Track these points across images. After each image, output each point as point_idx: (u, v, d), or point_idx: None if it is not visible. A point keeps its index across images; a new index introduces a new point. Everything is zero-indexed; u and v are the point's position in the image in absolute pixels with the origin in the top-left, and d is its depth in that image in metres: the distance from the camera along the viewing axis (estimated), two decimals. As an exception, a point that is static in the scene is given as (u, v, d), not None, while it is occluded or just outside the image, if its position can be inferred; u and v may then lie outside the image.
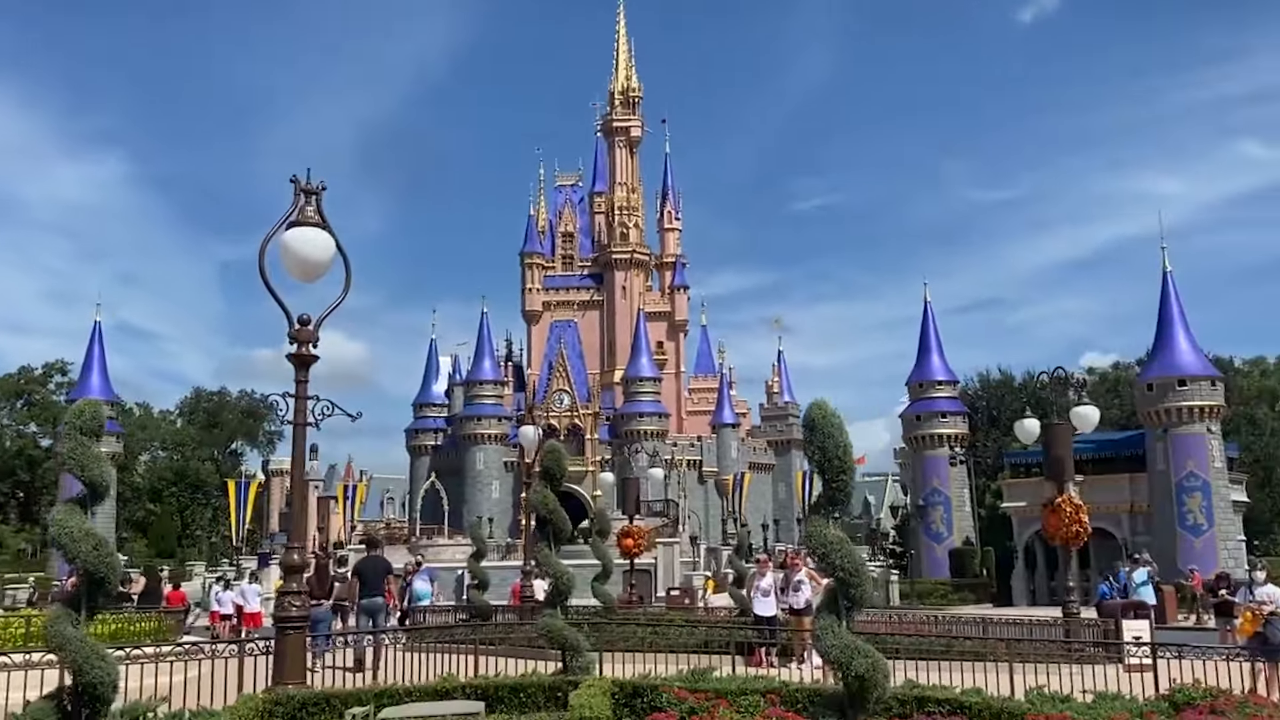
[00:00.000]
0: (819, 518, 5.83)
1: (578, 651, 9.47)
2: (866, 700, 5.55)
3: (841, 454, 5.74)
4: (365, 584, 17.83)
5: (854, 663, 5.49)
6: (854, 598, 5.74)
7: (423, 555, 24.81)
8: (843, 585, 5.71)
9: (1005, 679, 12.11)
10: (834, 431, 5.76)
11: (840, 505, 5.86)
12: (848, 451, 5.79)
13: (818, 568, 5.92)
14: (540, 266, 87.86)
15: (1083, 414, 16.94)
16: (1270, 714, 8.05)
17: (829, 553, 5.68)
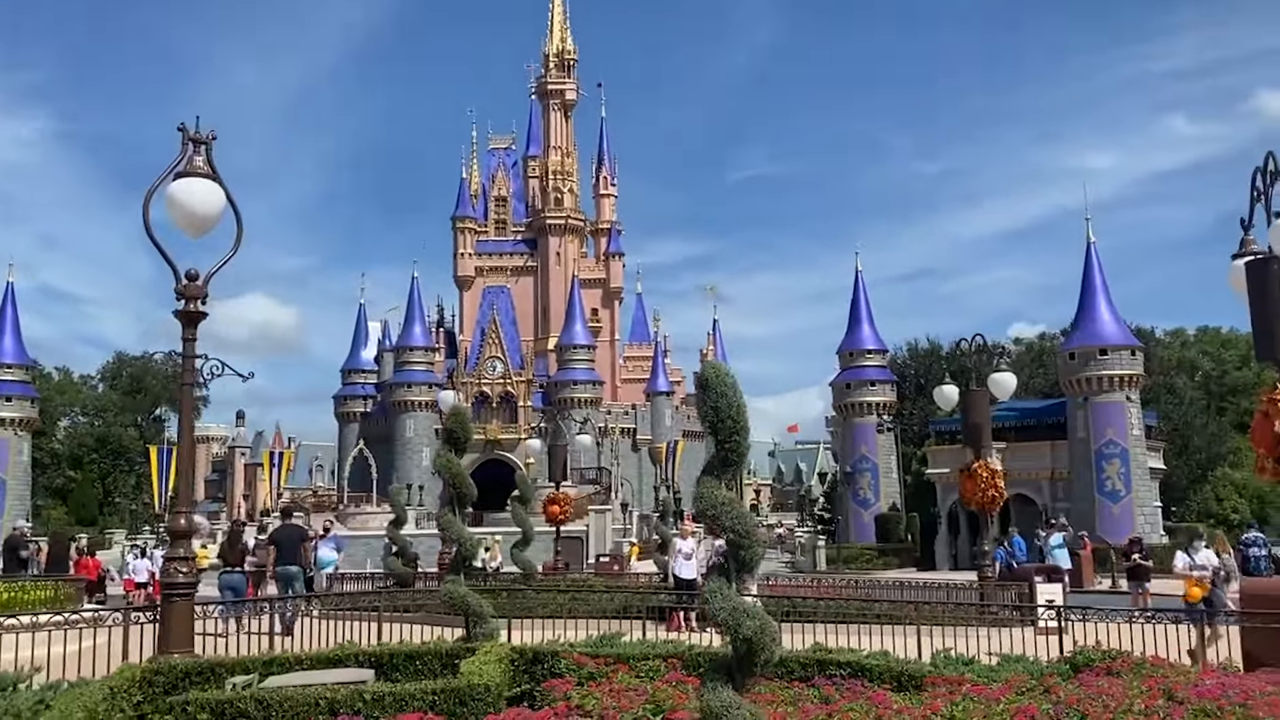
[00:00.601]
0: (711, 479, 5.66)
1: (481, 618, 9.27)
2: (754, 663, 5.41)
3: (735, 414, 5.56)
4: (281, 552, 17.85)
5: (742, 625, 5.33)
6: (744, 560, 5.59)
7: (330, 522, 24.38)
8: (733, 548, 5.55)
9: (919, 641, 12.18)
10: (727, 391, 5.58)
11: (733, 467, 5.68)
12: (741, 412, 5.61)
13: (708, 529, 5.76)
14: (473, 231, 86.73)
15: (1000, 381, 17.06)
16: (1165, 674, 8.12)
17: (719, 514, 5.51)
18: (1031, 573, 18.60)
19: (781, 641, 5.62)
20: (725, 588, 5.56)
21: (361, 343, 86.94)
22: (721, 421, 5.63)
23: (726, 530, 5.59)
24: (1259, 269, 9.86)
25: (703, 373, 5.75)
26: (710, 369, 5.74)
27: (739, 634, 5.42)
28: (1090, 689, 6.49)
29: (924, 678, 7.46)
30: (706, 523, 5.68)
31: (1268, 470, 9.80)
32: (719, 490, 5.63)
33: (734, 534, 5.58)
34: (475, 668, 6.65)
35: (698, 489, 5.79)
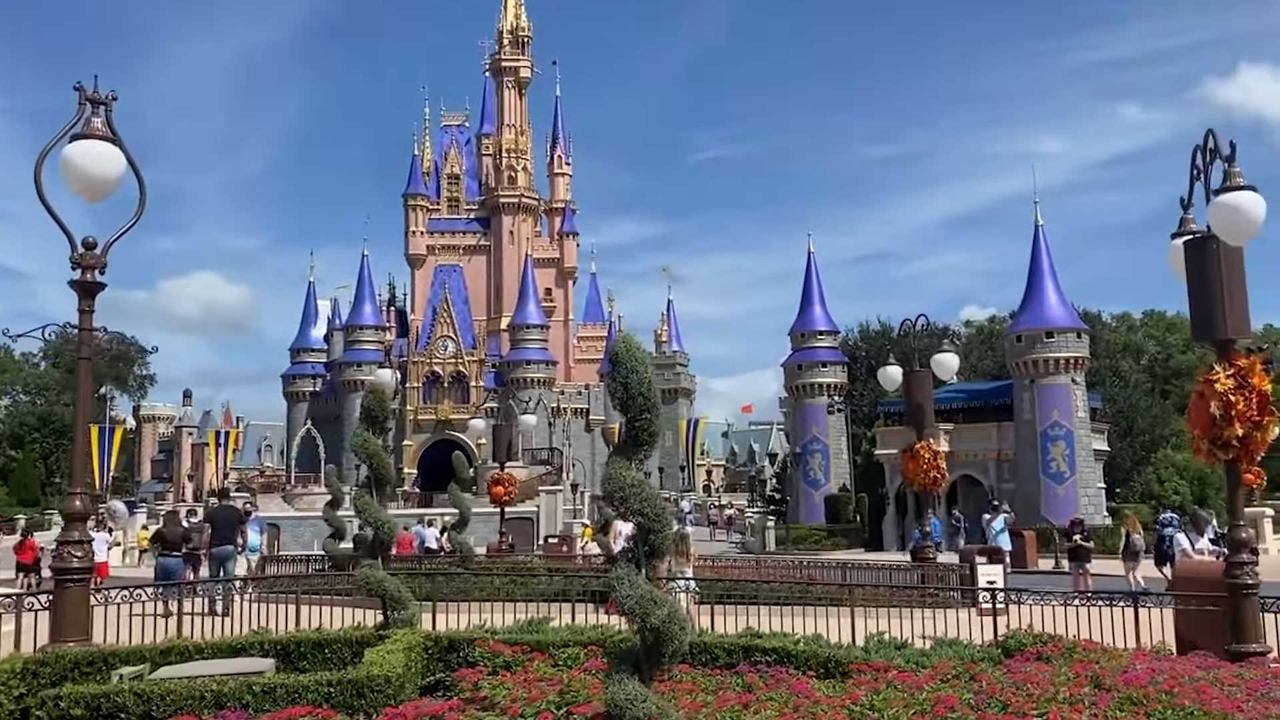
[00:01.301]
0: (620, 459, 5.36)
1: (399, 604, 8.93)
2: (662, 654, 5.14)
3: (645, 391, 5.26)
4: (216, 532, 17.70)
5: (650, 614, 5.05)
6: (655, 545, 5.30)
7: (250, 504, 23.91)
8: (643, 532, 5.26)
9: (861, 624, 12.01)
10: (638, 367, 5.27)
11: (644, 446, 5.38)
12: (651, 389, 5.31)
13: (617, 513, 5.44)
14: (425, 209, 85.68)
15: (942, 361, 16.96)
16: (1096, 658, 7.98)
17: (628, 497, 5.22)
18: (973, 554, 18.57)
19: (690, 629, 5.35)
20: (633, 574, 5.27)
21: (311, 321, 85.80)
22: (632, 399, 5.33)
23: (635, 514, 5.30)
24: (1197, 248, 9.73)
25: (613, 348, 5.45)
26: (621, 344, 5.43)
27: (646, 623, 5.15)
28: (1017, 675, 6.30)
29: (849, 663, 7.25)
30: (615, 505, 5.38)
31: (1203, 451, 9.71)
32: (628, 471, 5.34)
33: (643, 517, 5.30)
34: (378, 657, 6.33)
35: (606, 470, 5.50)
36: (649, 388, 5.35)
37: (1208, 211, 9.43)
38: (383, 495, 9.26)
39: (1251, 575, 9.29)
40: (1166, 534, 20.12)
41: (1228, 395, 9.27)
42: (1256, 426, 9.28)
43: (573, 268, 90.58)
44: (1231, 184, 9.24)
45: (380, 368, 22.44)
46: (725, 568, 19.40)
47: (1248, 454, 9.36)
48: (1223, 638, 9.33)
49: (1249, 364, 9.40)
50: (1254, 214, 9.10)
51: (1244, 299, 9.63)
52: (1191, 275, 9.75)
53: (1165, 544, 20.09)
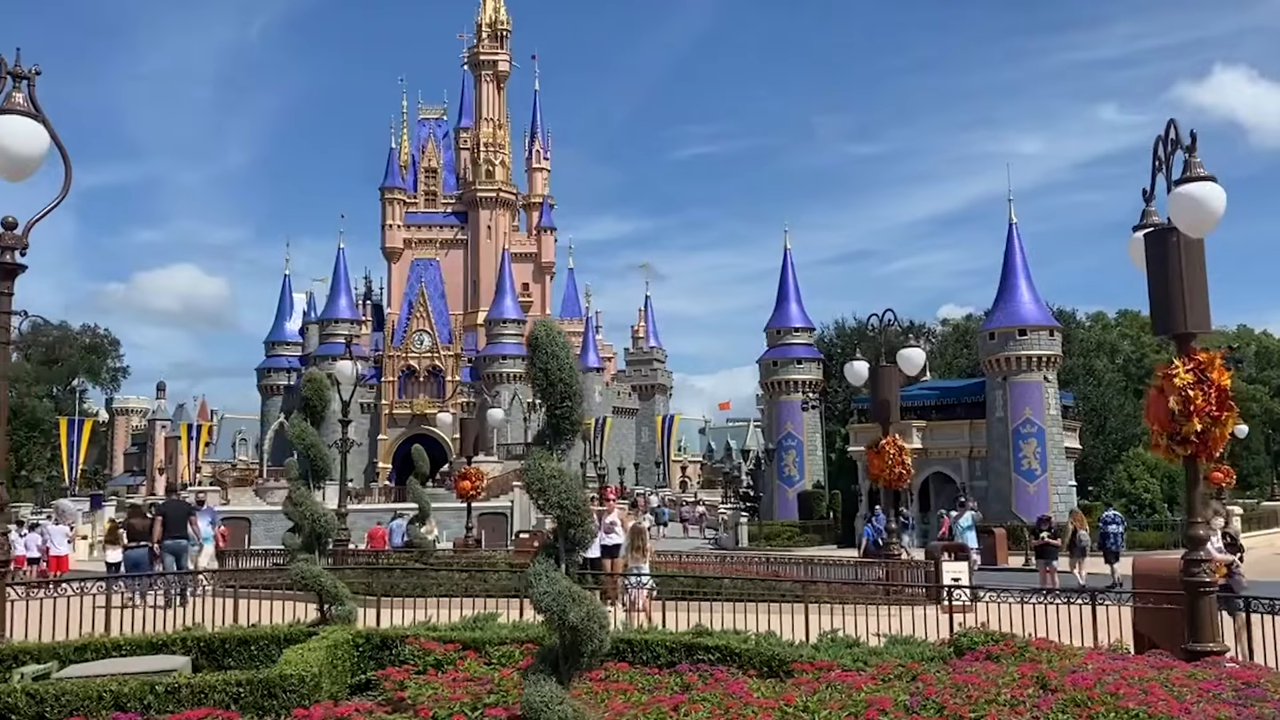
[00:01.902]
0: (540, 449, 5.11)
1: (337, 599, 8.66)
2: (581, 654, 4.89)
3: (566, 377, 5.00)
4: (168, 526, 17.52)
5: (568, 612, 4.80)
6: (575, 539, 5.05)
7: (203, 494, 23.52)
8: (563, 526, 5.01)
9: (824, 621, 11.80)
10: (558, 352, 5.02)
11: (566, 436, 5.13)
12: (573, 374, 5.06)
13: (535, 505, 5.19)
14: (402, 202, 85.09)
15: (908, 356, 16.78)
16: (1049, 657, 7.79)
17: (546, 489, 4.97)
18: (938, 551, 18.43)
19: (610, 627, 5.10)
20: (552, 569, 5.03)
21: (286, 314, 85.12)
22: (552, 385, 5.09)
23: (553, 507, 5.06)
24: (1158, 241, 9.55)
25: (533, 332, 5.21)
26: (541, 327, 5.19)
27: (564, 622, 4.91)
28: (959, 676, 6.10)
29: (791, 662, 7.03)
30: (533, 498, 5.13)
31: (1161, 447, 9.52)
32: (548, 462, 5.09)
33: (563, 511, 5.05)
34: (296, 656, 6.06)
35: (525, 460, 5.25)
36: (570, 374, 5.11)
37: (1168, 203, 9.25)
38: (320, 487, 8.95)
39: (1208, 573, 9.12)
40: (1110, 531, 21.08)
41: (1186, 390, 9.08)
42: (1215, 422, 9.10)
43: (550, 263, 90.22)
44: (1192, 175, 9.05)
45: (338, 359, 22.05)
46: (688, 563, 19.18)
47: (1206, 450, 9.17)
48: (1181, 636, 9.18)
49: (1208, 359, 9.23)
50: (1214, 205, 8.92)
51: (1204, 292, 9.45)
52: (1151, 268, 9.57)
53: (1110, 541, 20.84)
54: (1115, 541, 21.64)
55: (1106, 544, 21.24)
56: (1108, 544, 21.24)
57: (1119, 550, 21.97)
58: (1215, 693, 6.66)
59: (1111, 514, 22.55)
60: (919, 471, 42.99)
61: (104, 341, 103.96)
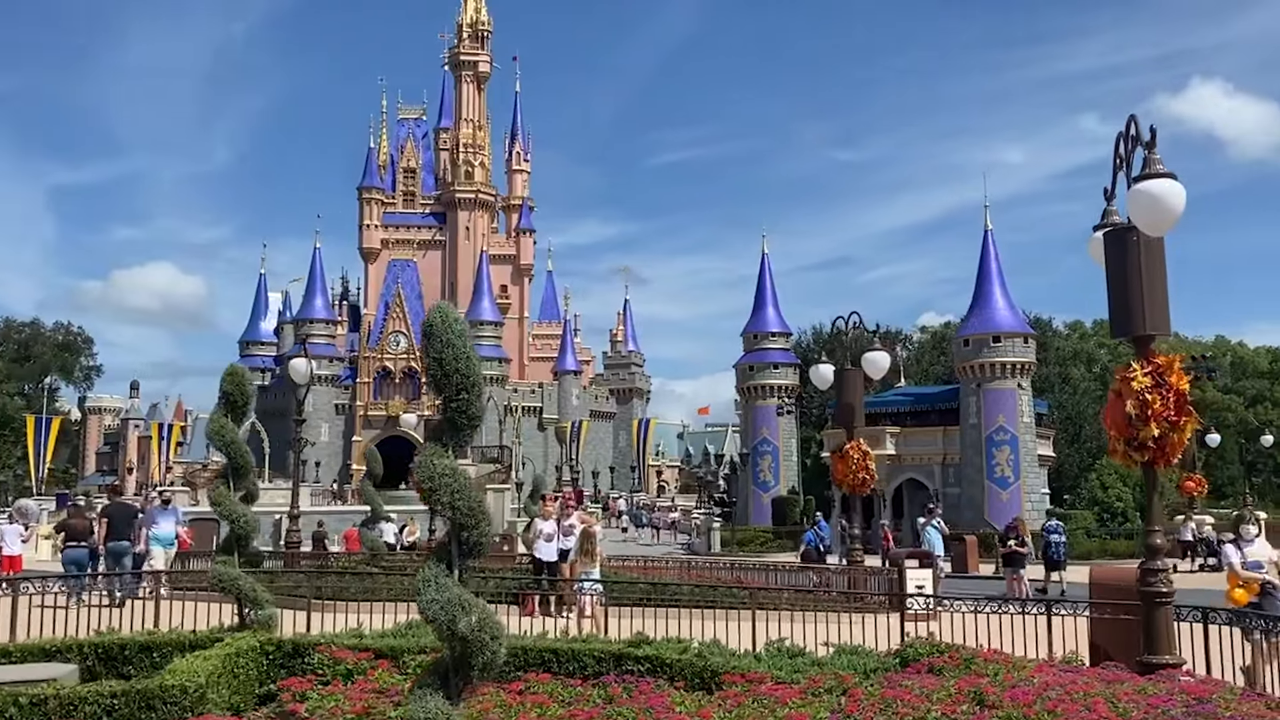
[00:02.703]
0: (435, 446, 4.73)
1: (256, 604, 8.25)
2: (472, 666, 4.51)
3: (463, 368, 4.62)
4: (113, 527, 17.11)
5: (457, 622, 4.41)
6: (469, 543, 4.67)
7: (169, 494, 22.96)
8: (456, 529, 4.63)
9: (783, 628, 11.47)
10: (454, 340, 4.65)
11: (464, 431, 4.76)
12: (470, 364, 4.68)
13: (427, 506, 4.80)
14: (380, 203, 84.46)
15: (873, 359, 16.46)
16: (994, 670, 7.48)
17: (437, 488, 4.59)
18: (902, 557, 18.14)
19: (504, 637, 4.72)
20: (442, 576, 4.65)
21: (261, 314, 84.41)
22: (447, 376, 4.71)
23: (445, 508, 4.68)
24: (1117, 240, 9.25)
25: (427, 319, 4.83)
26: (436, 314, 4.81)
27: (453, 632, 4.53)
28: (891, 691, 5.76)
29: (720, 673, 6.68)
30: (423, 498, 4.76)
31: (1119, 452, 9.22)
32: (441, 460, 4.71)
33: (457, 513, 4.68)
34: (185, 665, 5.68)
35: (418, 457, 4.88)
36: (468, 364, 4.74)
37: (1127, 199, 8.96)
38: (240, 486, 8.55)
39: (1165, 583, 8.82)
40: (1052, 540, 21.44)
41: (1144, 394, 8.78)
42: (1173, 427, 8.78)
43: (529, 265, 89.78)
44: (1151, 171, 8.75)
45: (293, 359, 21.59)
46: (651, 569, 18.80)
47: (1164, 456, 8.86)
48: (1138, 648, 8.87)
49: (1167, 362, 8.93)
50: (1173, 203, 8.61)
51: (1164, 293, 9.16)
52: (1110, 268, 9.28)
53: (1052, 550, 21.34)
54: (1058, 551, 21.95)
55: (1049, 553, 21.63)
56: (1050, 553, 21.61)
57: (1062, 559, 22.30)
58: (1164, 709, 6.36)
59: (1053, 524, 22.94)
60: (893, 478, 42.81)
61: (77, 339, 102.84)
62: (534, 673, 6.98)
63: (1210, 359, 45.98)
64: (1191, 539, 31.52)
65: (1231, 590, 11.56)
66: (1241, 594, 11.41)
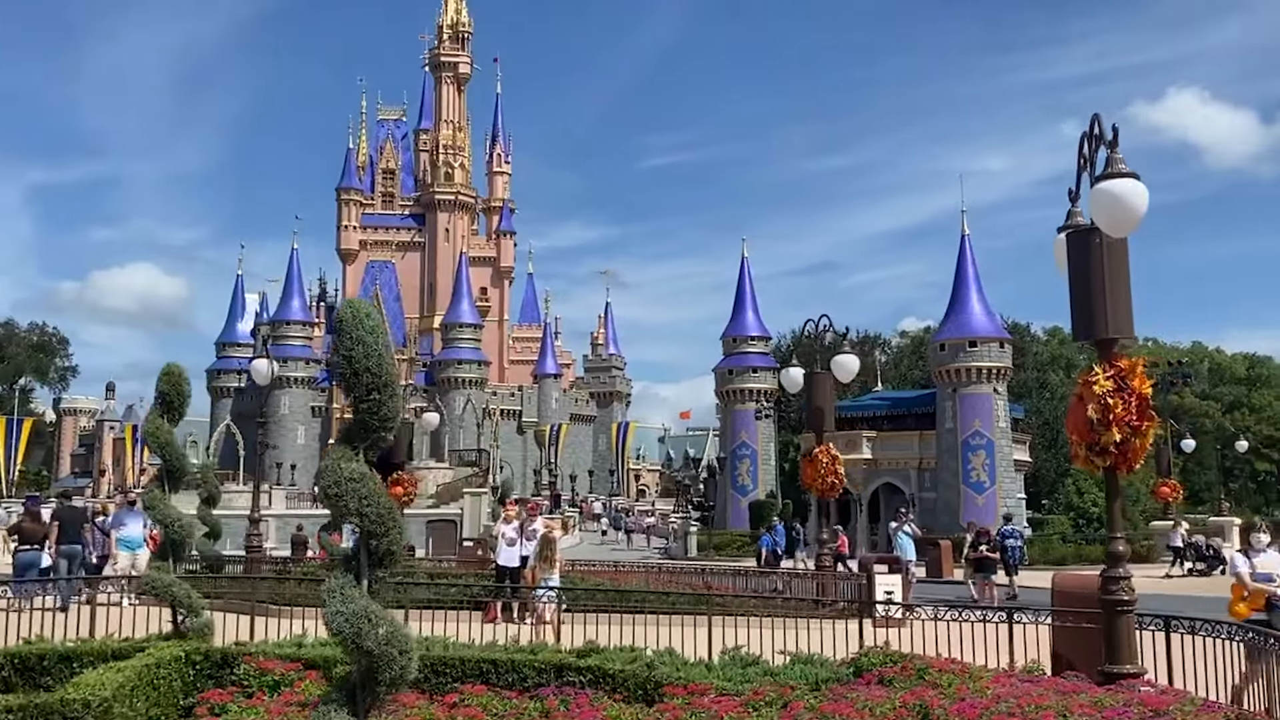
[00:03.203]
0: (344, 448, 4.47)
1: (191, 610, 7.95)
2: (379, 682, 4.26)
3: (374, 366, 4.37)
4: (64, 530, 16.78)
5: (363, 636, 4.16)
6: (380, 551, 4.42)
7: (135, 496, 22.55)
8: (365, 537, 4.37)
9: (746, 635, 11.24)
10: (365, 337, 4.39)
11: (376, 433, 4.51)
12: (383, 363, 4.43)
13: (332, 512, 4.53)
14: (358, 203, 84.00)
15: (842, 363, 16.28)
16: (947, 681, 7.28)
17: (343, 494, 4.34)
18: (871, 563, 17.95)
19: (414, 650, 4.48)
20: (349, 587, 4.40)
21: (238, 315, 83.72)
22: (357, 375, 4.47)
23: (352, 514, 4.44)
24: (1079, 241, 9.07)
25: (339, 314, 4.58)
26: (348, 308, 4.56)
27: (359, 646, 4.29)
28: (830, 705, 5.55)
29: (661, 684, 6.45)
30: (328, 504, 4.51)
31: (1080, 457, 9.04)
32: (348, 463, 4.47)
33: (362, 519, 4.43)
34: (93, 678, 5.41)
35: (324, 460, 4.63)
36: (379, 362, 4.49)
37: (1089, 198, 8.79)
38: (177, 489, 8.26)
39: (1127, 591, 8.64)
40: (1009, 545, 21.62)
41: (1106, 398, 8.60)
42: (1135, 432, 8.60)
43: (509, 267, 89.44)
44: (1113, 171, 8.58)
45: (254, 359, 21.24)
46: (620, 574, 18.55)
47: (1126, 461, 8.68)
48: (1099, 657, 8.69)
49: (1129, 365, 8.75)
50: (1135, 203, 8.44)
51: (1127, 295, 8.99)
52: (1073, 270, 9.10)
53: (1009, 554, 21.67)
54: (1014, 555, 22.12)
55: (1005, 557, 21.79)
56: (1006, 557, 21.77)
57: (1018, 564, 22.49)
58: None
59: (1010, 528, 22.99)
60: (869, 482, 42.72)
61: (52, 340, 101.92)
62: (471, 684, 6.74)
63: (1186, 365, 46.14)
64: (1181, 544, 31.43)
65: (1234, 602, 10.69)
66: (1244, 607, 10.56)
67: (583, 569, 19.58)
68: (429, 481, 59.47)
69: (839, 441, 42.20)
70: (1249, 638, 8.65)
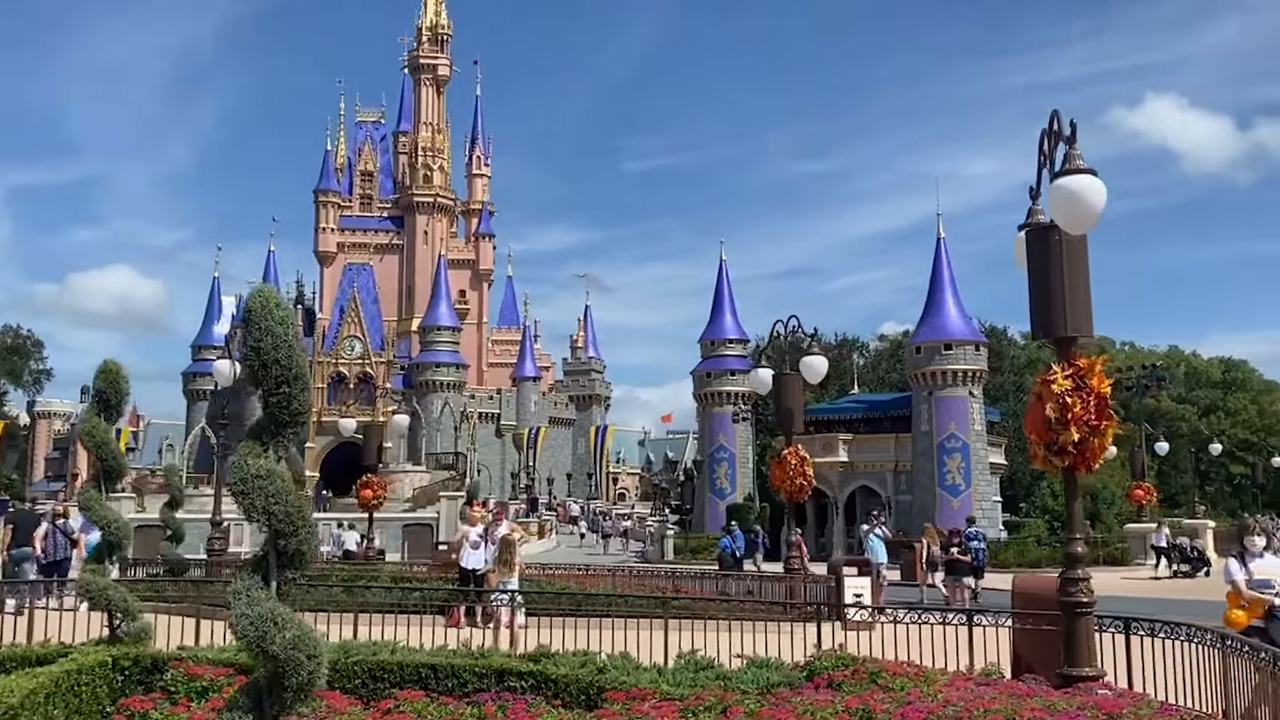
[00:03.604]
0: (250, 443, 4.27)
1: (128, 614, 7.72)
2: (285, 688, 4.06)
3: (283, 357, 4.18)
4: (16, 534, 16.58)
5: (269, 639, 3.96)
6: (289, 553, 4.22)
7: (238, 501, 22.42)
8: (274, 536, 4.18)
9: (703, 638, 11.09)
10: (274, 327, 4.20)
11: (286, 428, 4.31)
12: (292, 354, 4.24)
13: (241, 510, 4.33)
14: (336, 205, 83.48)
15: (811, 364, 16.17)
16: (901, 685, 7.14)
17: (249, 491, 4.14)
18: (840, 565, 17.84)
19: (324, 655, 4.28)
20: (255, 589, 4.21)
21: (214, 318, 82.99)
22: (265, 367, 4.28)
23: (259, 513, 4.25)
24: (1038, 239, 8.96)
25: (247, 303, 4.39)
26: (256, 297, 4.37)
27: (264, 650, 4.10)
28: (770, 710, 5.39)
29: (604, 690, 6.29)
30: (237, 501, 4.32)
31: (1039, 457, 8.92)
32: (256, 460, 4.28)
33: (269, 518, 4.24)
34: (2, 684, 5.19)
35: (234, 456, 4.44)
36: (289, 353, 4.30)
37: (1047, 195, 8.68)
38: (113, 490, 8.03)
39: (1086, 593, 8.52)
40: (972, 547, 21.63)
41: (1064, 397, 8.48)
42: (1094, 431, 8.49)
43: (489, 270, 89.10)
44: (1071, 167, 8.48)
45: (216, 360, 21.02)
46: (590, 577, 18.36)
47: (1085, 461, 8.56)
48: (1059, 659, 8.58)
49: (1088, 364, 8.64)
50: (1093, 199, 8.34)
51: (1086, 293, 8.89)
52: (1032, 268, 8.99)
53: (972, 556, 21.73)
54: (977, 557, 22.16)
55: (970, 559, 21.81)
56: (972, 559, 21.80)
57: (982, 566, 22.57)
58: (1068, 726, 6.04)
59: (973, 530, 22.92)
60: (846, 485, 42.67)
61: (26, 343, 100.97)
62: (410, 689, 6.55)
63: (1162, 369, 46.27)
64: (1165, 545, 31.49)
65: (1230, 610, 10.00)
66: (1241, 615, 9.87)
67: (551, 573, 19.40)
68: (405, 485, 59.15)
69: (815, 444, 42.40)
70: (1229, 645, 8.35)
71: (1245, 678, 7.93)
